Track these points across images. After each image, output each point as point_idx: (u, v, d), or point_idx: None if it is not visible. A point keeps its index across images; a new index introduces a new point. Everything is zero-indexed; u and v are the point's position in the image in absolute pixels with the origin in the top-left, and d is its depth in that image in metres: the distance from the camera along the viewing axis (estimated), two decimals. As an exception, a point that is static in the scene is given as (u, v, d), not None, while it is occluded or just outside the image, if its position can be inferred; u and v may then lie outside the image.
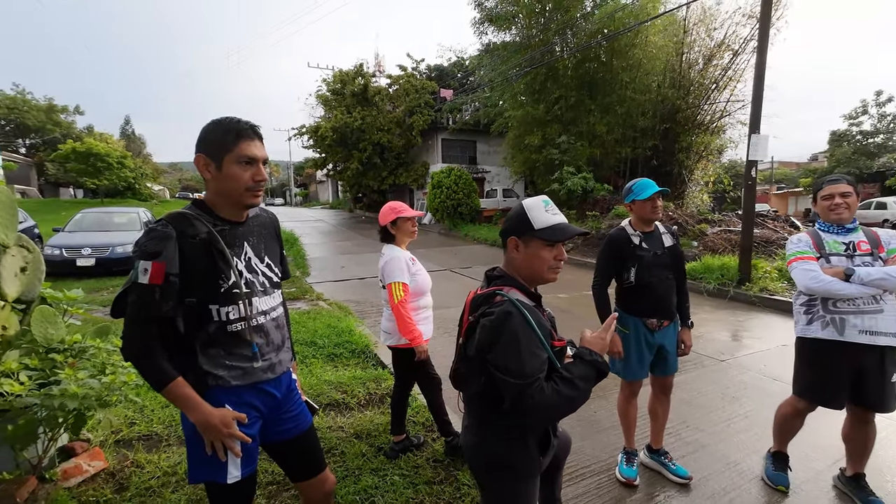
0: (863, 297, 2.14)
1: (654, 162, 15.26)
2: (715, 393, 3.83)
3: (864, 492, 2.38)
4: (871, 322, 2.13)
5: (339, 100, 24.21)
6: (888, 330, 2.13)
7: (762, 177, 38.26)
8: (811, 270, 2.20)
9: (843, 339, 2.17)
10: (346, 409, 3.36)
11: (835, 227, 2.29)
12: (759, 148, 6.98)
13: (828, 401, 2.30)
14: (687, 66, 14.85)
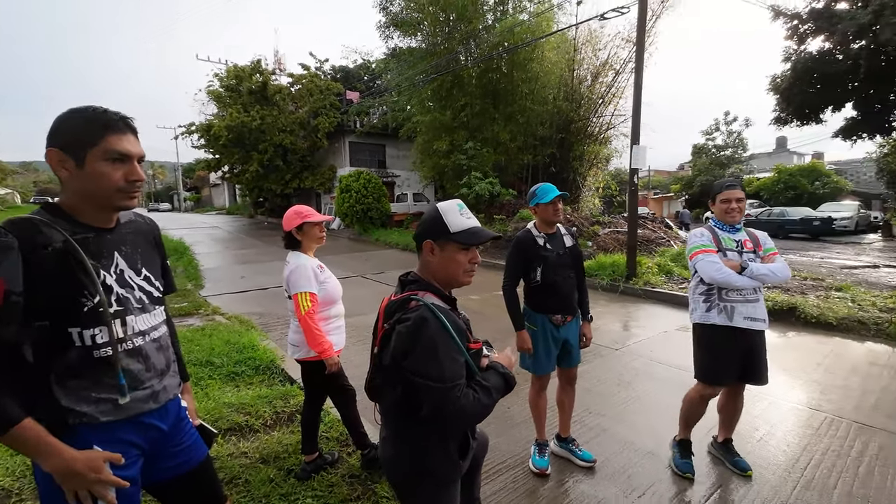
0: (748, 289, 2.46)
1: (553, 169, 16.44)
2: (612, 380, 4.19)
3: (731, 454, 2.76)
4: (752, 310, 2.47)
5: (234, 97, 22.47)
6: (763, 317, 2.50)
7: (642, 183, 43.23)
8: (715, 262, 2.45)
9: (733, 325, 2.47)
10: (250, 431, 3.08)
11: (727, 227, 2.59)
12: (639, 157, 7.85)
13: (723, 380, 2.58)
14: (578, 81, 16.26)
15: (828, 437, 3.15)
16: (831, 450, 2.99)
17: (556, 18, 15.45)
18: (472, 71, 15.21)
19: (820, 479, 2.67)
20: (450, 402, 1.21)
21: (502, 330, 2.78)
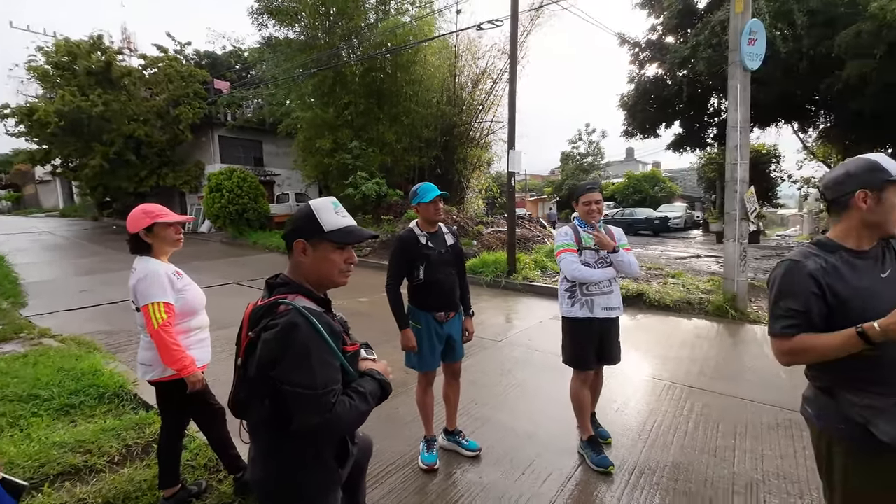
0: (604, 281, 2.74)
1: (438, 170, 16.88)
2: (494, 370, 4.43)
3: (594, 425, 3.09)
4: (608, 300, 2.76)
5: (66, 77, 18.84)
6: (617, 305, 2.82)
7: (519, 186, 46.78)
8: (574, 262, 2.71)
9: (593, 316, 2.75)
10: (91, 473, 2.59)
11: (587, 225, 2.85)
12: (515, 161, 8.45)
13: (590, 364, 2.86)
14: (459, 87, 16.94)
15: (667, 401, 3.72)
16: (669, 411, 3.54)
17: (437, 24, 15.91)
18: (355, 69, 14.89)
19: (661, 438, 3.13)
20: (324, 408, 1.14)
21: (392, 331, 2.74)
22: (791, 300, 1.40)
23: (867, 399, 1.33)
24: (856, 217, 1.40)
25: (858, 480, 1.37)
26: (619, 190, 30.84)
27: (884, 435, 1.28)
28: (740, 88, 6.40)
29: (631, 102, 16.28)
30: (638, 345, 5.27)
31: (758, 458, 2.86)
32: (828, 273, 1.37)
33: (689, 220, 24.70)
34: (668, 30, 15.02)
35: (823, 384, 1.45)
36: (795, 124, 16.75)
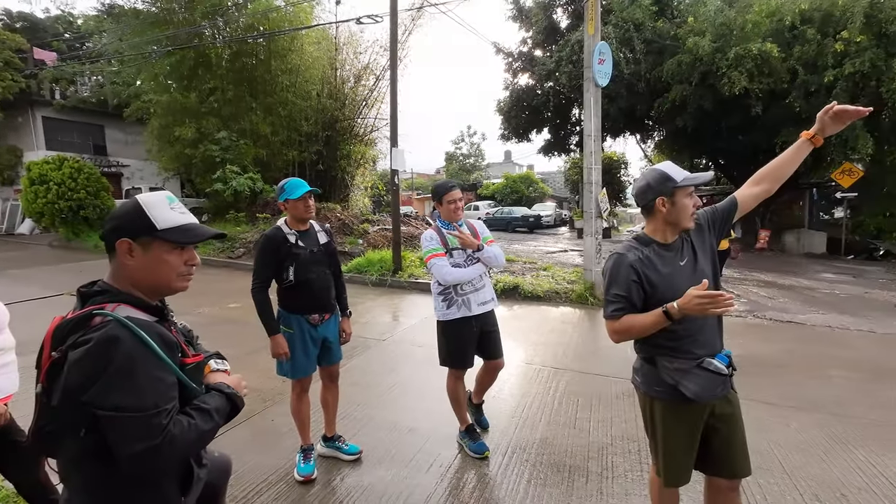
0: (476, 278, 2.81)
1: (321, 166, 16.17)
2: (378, 369, 4.38)
3: (479, 413, 3.24)
4: (482, 296, 2.85)
5: None
6: (490, 297, 2.92)
7: (406, 184, 47.11)
8: (444, 266, 2.72)
9: (471, 314, 2.80)
10: None
11: (451, 225, 2.90)
12: (398, 159, 8.46)
13: (466, 363, 2.90)
14: (341, 81, 16.42)
15: (537, 383, 4.07)
16: (539, 393, 3.87)
17: (315, 13, 15.20)
18: (221, 51, 13.49)
19: (532, 417, 3.41)
20: (154, 432, 0.98)
21: (267, 338, 2.52)
22: (616, 287, 1.65)
23: (676, 363, 1.63)
24: (659, 218, 1.68)
25: (671, 428, 1.69)
26: (498, 190, 32.89)
27: (687, 391, 1.59)
28: (593, 102, 7.27)
29: (506, 108, 17.45)
30: (514, 334, 5.67)
31: (608, 424, 3.28)
32: (643, 263, 1.65)
33: (558, 218, 27.39)
34: (537, 44, 16.42)
35: (646, 355, 1.74)
36: (638, 136, 19.61)
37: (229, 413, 1.16)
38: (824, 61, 10.74)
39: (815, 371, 4.46)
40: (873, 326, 6.14)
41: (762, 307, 7.13)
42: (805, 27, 11.00)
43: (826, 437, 3.15)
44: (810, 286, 9.11)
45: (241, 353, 4.64)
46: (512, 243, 17.29)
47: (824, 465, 2.81)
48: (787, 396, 3.84)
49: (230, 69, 13.81)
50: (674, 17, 14.00)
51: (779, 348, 5.17)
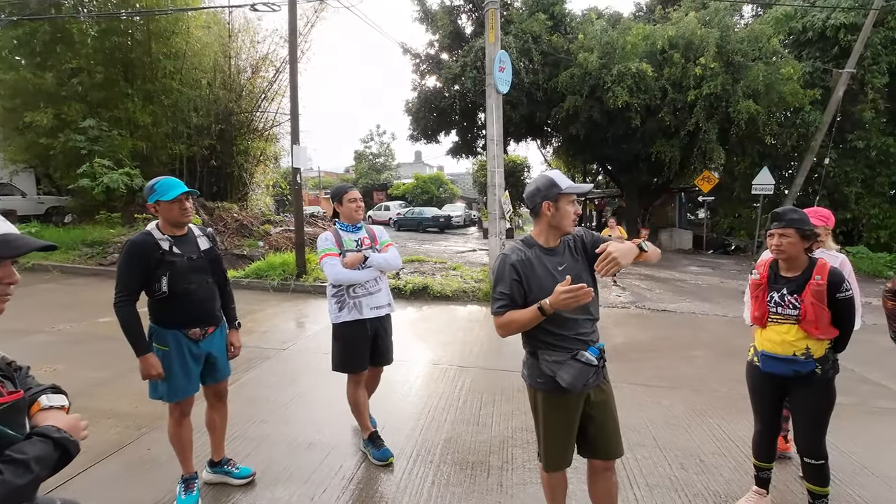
0: (370, 281, 2.77)
1: (214, 162, 14.83)
2: (277, 381, 4.12)
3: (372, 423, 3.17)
4: (376, 300, 2.82)
5: None
6: (385, 303, 2.90)
7: (313, 183, 45.14)
8: (335, 266, 2.67)
9: (363, 317, 2.76)
10: None
11: (350, 227, 2.85)
12: (300, 157, 8.05)
13: (363, 366, 2.85)
14: (236, 70, 15.20)
15: (443, 383, 4.12)
16: (445, 392, 3.92)
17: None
18: (87, 27, 11.70)
19: (437, 417, 3.44)
20: None
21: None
22: (501, 285, 1.78)
23: (554, 356, 1.77)
24: (545, 221, 1.82)
25: (551, 417, 1.85)
26: (409, 190, 32.95)
27: (562, 381, 1.73)
28: (495, 107, 7.58)
29: (415, 109, 17.52)
30: (423, 335, 5.70)
31: (509, 418, 3.43)
32: (524, 264, 1.79)
33: (467, 219, 28.19)
34: (443, 47, 16.72)
35: (530, 349, 1.88)
36: (538, 141, 20.90)
37: (58, 461, 0.97)
38: (688, 82, 12.37)
39: (681, 353, 5.11)
40: (725, 311, 7.22)
41: (642, 298, 8.01)
42: (672, 52, 12.57)
43: (688, 411, 3.62)
44: (680, 278, 10.45)
45: (112, 374, 4.08)
46: (423, 243, 17.43)
47: (688, 435, 3.22)
48: (660, 377, 4.34)
49: (99, 48, 12.01)
50: (567, 32, 15.14)
51: (654, 335, 5.84)
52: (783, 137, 13.52)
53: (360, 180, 37.00)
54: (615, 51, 12.88)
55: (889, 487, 2.65)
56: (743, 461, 2.89)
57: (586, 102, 13.34)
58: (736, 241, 15.98)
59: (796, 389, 2.19)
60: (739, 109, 11.96)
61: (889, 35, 12.72)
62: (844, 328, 2.11)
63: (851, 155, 13.58)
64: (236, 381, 4.06)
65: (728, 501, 2.49)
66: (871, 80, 12.69)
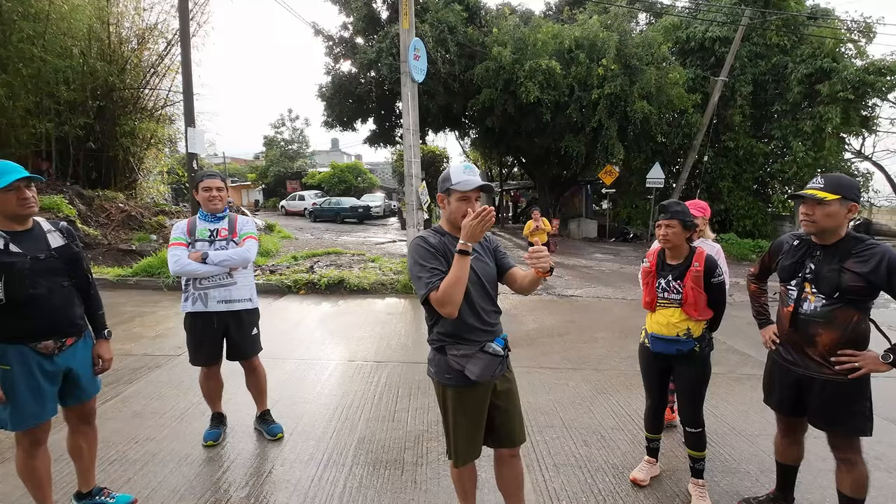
0: (219, 275, 2.68)
1: (92, 144, 12.95)
2: (170, 392, 3.69)
3: (267, 423, 3.03)
4: (227, 293, 2.72)
5: None
6: (242, 297, 2.78)
7: (218, 170, 41.51)
8: (175, 255, 2.60)
9: (209, 310, 2.68)
10: None
11: (209, 216, 2.72)
12: (196, 141, 7.28)
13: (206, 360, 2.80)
14: (118, 40, 13.35)
15: (358, 380, 3.98)
16: (360, 390, 3.79)
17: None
18: None
19: (350, 417, 3.31)
20: None
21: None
22: (427, 262, 1.71)
23: (462, 349, 1.76)
24: (445, 213, 1.85)
25: (462, 412, 1.82)
26: (325, 179, 31.62)
27: (471, 374, 1.73)
28: (410, 96, 7.45)
29: (329, 94, 16.74)
30: (338, 330, 5.48)
31: (425, 411, 3.40)
32: (444, 245, 1.77)
33: (387, 209, 27.78)
34: (358, 31, 16.11)
35: (437, 345, 1.83)
36: (456, 133, 21.13)
37: None
38: (592, 81, 13.22)
39: (586, 335, 5.47)
40: (624, 294, 7.88)
41: (553, 285, 8.46)
42: (578, 52, 13.33)
43: (591, 390, 3.87)
44: (587, 265, 11.23)
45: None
46: (341, 235, 16.86)
47: (591, 413, 3.44)
48: (567, 359, 4.60)
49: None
50: (482, 25, 15.38)
51: (562, 319, 6.19)
52: (671, 136, 15.05)
53: (270, 168, 34.76)
54: (527, 47, 13.34)
55: (752, 444, 3.04)
56: (637, 433, 3.14)
57: (501, 96, 13.70)
58: (633, 229, 17.55)
59: (678, 366, 2.40)
60: (636, 109, 13.06)
61: (753, 49, 14.66)
62: (718, 309, 2.35)
63: (724, 154, 15.53)
64: (118, 395, 3.59)
65: (624, 472, 2.68)
66: (740, 88, 14.56)
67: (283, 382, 3.86)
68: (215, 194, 2.68)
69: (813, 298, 1.93)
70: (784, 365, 2.08)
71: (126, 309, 6.07)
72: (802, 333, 1.97)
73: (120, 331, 5.12)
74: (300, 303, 6.85)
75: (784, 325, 2.06)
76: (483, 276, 1.82)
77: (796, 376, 2.02)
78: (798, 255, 2.00)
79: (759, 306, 2.33)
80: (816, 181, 1.90)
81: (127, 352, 4.53)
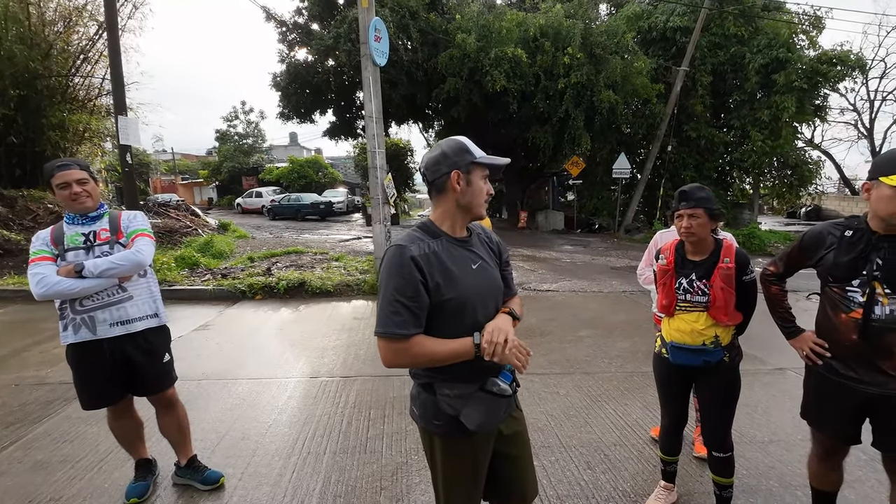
0: (107, 290, 2.07)
1: (14, 139, 11.58)
2: (90, 428, 3.03)
3: (199, 471, 2.43)
4: (121, 312, 2.10)
5: None
6: (142, 314, 2.17)
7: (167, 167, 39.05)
8: (38, 274, 1.96)
9: (100, 337, 2.07)
10: None
11: (79, 217, 2.12)
12: (129, 131, 6.43)
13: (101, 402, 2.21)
14: (41, 22, 11.98)
15: (323, 401, 3.46)
16: (325, 413, 3.27)
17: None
18: None
19: (315, 450, 2.79)
20: None
21: None
22: (401, 291, 1.25)
23: (456, 389, 1.32)
24: (451, 199, 1.35)
25: (455, 467, 1.39)
26: (283, 174, 30.24)
27: (470, 422, 1.29)
28: (372, 81, 6.87)
29: (284, 83, 15.77)
30: (298, 341, 4.91)
31: (402, 438, 2.93)
32: (429, 260, 1.28)
33: (351, 205, 26.88)
34: (314, 16, 15.21)
35: (424, 381, 1.38)
36: (420, 124, 20.54)
37: None
38: (558, 70, 12.98)
39: (570, 334, 5.14)
40: (601, 287, 7.66)
41: (528, 279, 8.14)
42: (543, 40, 13.06)
43: (585, 397, 3.51)
44: (558, 257, 11.02)
45: None
46: (302, 233, 16.00)
47: (589, 427, 3.07)
48: (554, 363, 4.24)
49: None
50: (444, 12, 14.84)
51: (543, 317, 5.85)
52: (636, 126, 15.10)
53: (224, 164, 32.94)
54: (492, 35, 12.95)
55: (765, 454, 2.76)
56: (642, 448, 2.81)
57: (466, 85, 13.26)
58: (599, 220, 17.61)
59: (704, 380, 2.04)
60: (602, 99, 12.94)
61: (712, 40, 14.87)
62: (748, 312, 2.00)
63: (687, 143, 15.76)
64: (18, 440, 2.91)
65: (638, 501, 2.32)
66: (700, 78, 14.75)
67: (231, 411, 3.29)
68: (77, 189, 2.04)
69: (887, 301, 1.57)
70: (843, 383, 1.69)
71: (47, 326, 5.22)
72: (876, 344, 1.59)
73: (36, 352, 4.35)
74: (256, 310, 6.19)
75: (845, 335, 1.66)
76: (490, 290, 1.38)
77: (863, 396, 1.65)
78: (857, 248, 1.64)
79: (784, 311, 1.95)
80: None
81: (41, 380, 3.81)
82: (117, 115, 6.39)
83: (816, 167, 16.18)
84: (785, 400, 3.49)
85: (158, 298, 2.30)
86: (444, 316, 1.27)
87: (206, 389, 3.64)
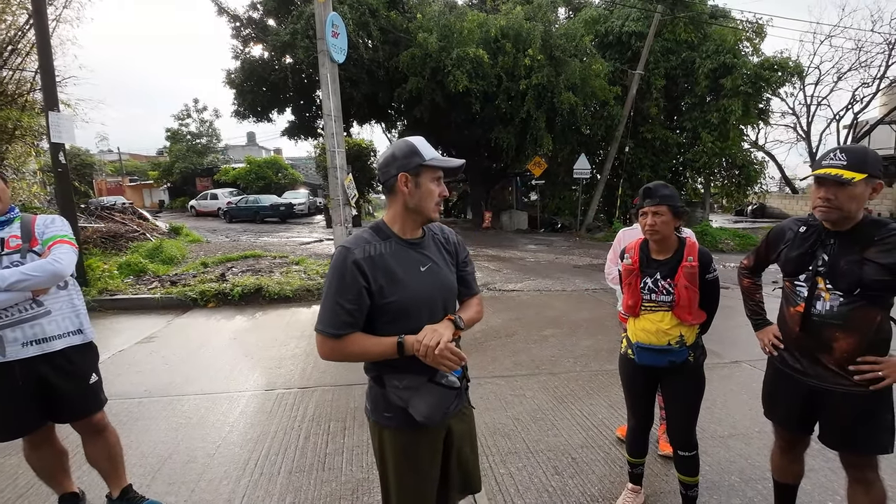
0: (19, 305, 1.82)
1: (-70, 137, 10.50)
2: (10, 459, 2.71)
3: (137, 500, 2.22)
4: (35, 330, 1.86)
5: None
6: (63, 331, 1.94)
7: (113, 167, 36.74)
8: None
9: (9, 360, 1.82)
10: None
11: None
12: (62, 128, 5.92)
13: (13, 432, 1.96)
14: (-40, 8, 10.92)
15: (278, 416, 3.25)
16: (281, 429, 3.07)
17: None
18: None
19: (268, 470, 2.60)
20: None
21: None
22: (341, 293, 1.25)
23: (405, 380, 1.31)
24: (400, 200, 1.33)
25: (405, 462, 1.36)
26: (241, 175, 29.09)
27: (417, 413, 1.28)
28: (330, 78, 6.65)
29: (239, 81, 15.14)
30: (252, 351, 4.64)
31: (363, 451, 2.77)
32: (373, 262, 1.27)
33: (312, 206, 26.16)
34: (269, 11, 14.68)
35: (374, 374, 1.38)
36: (383, 125, 20.25)
37: None
38: (519, 72, 13.10)
39: (535, 334, 5.12)
40: (564, 286, 7.74)
41: (493, 280, 8.12)
42: (504, 41, 13.14)
43: (551, 399, 3.47)
44: (522, 257, 11.09)
45: None
46: (261, 236, 15.39)
47: (556, 430, 3.02)
48: (519, 364, 4.19)
49: None
50: (405, 11, 14.68)
51: (508, 317, 5.82)
52: (595, 128, 15.48)
53: (176, 164, 31.34)
54: (453, 35, 12.91)
55: (726, 448, 2.79)
56: (609, 449, 2.78)
57: (428, 85, 13.16)
58: (562, 220, 17.96)
59: (669, 379, 2.02)
60: (563, 100, 13.17)
61: (665, 45, 15.45)
62: (711, 310, 1.99)
63: (643, 144, 16.30)
64: (-81, 477, 2.55)
65: None
66: (655, 81, 15.30)
67: (176, 431, 3.03)
68: None
69: (828, 296, 1.59)
70: (790, 374, 1.74)
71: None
72: (815, 338, 1.63)
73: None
74: (208, 318, 5.83)
75: (791, 328, 1.71)
76: (440, 292, 1.36)
77: (807, 388, 1.69)
78: (807, 244, 1.65)
79: (754, 304, 1.98)
80: (836, 157, 1.53)
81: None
82: (48, 111, 5.85)
83: (761, 167, 17.14)
84: (742, 393, 3.57)
85: (83, 313, 2.05)
86: (389, 317, 1.28)
87: (147, 409, 3.35)
